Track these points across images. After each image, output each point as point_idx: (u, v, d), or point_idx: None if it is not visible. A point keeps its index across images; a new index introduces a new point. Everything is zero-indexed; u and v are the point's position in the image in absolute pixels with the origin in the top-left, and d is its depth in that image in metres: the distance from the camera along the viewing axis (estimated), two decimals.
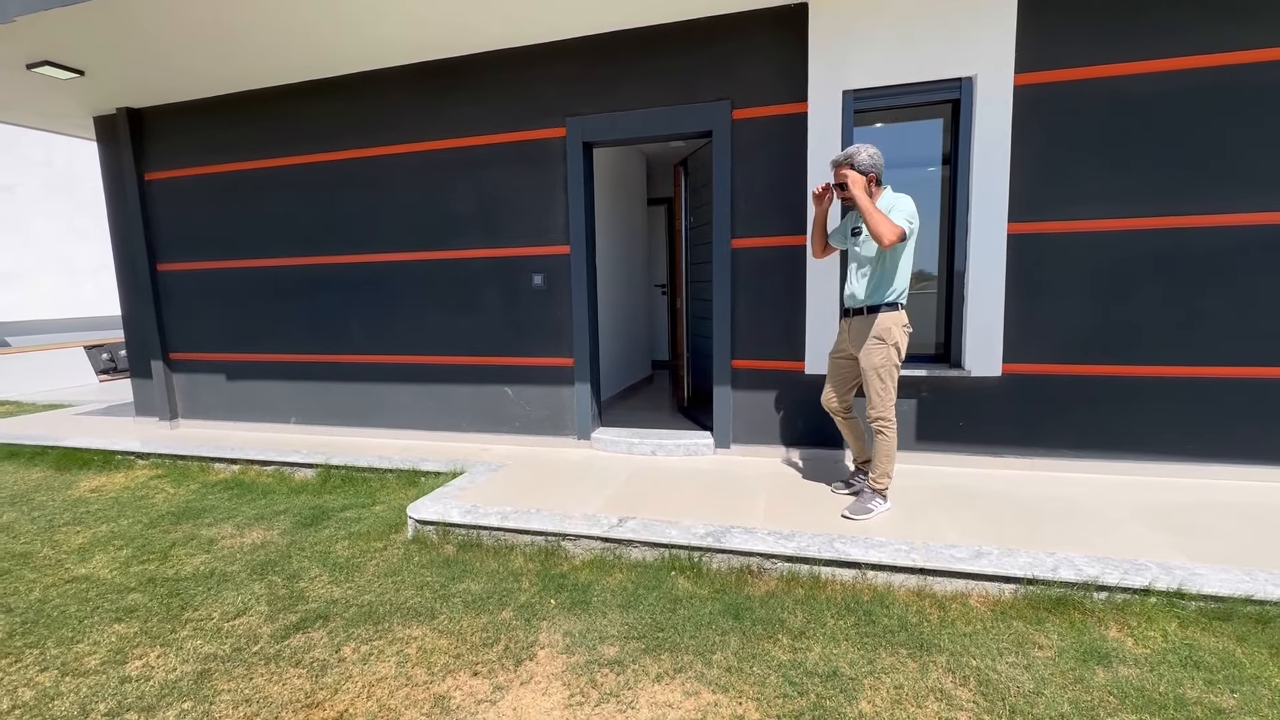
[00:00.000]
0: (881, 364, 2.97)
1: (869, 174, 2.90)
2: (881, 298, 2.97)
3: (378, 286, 4.79)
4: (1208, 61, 3.16)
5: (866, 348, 2.99)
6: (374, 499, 3.88)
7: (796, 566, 2.71)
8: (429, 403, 4.80)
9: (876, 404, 3.01)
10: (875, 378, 2.99)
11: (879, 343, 2.97)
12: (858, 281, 3.04)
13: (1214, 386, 3.35)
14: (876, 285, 2.98)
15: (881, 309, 2.97)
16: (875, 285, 2.99)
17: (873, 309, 2.99)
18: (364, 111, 4.61)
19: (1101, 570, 2.44)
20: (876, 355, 2.97)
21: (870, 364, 2.98)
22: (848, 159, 2.92)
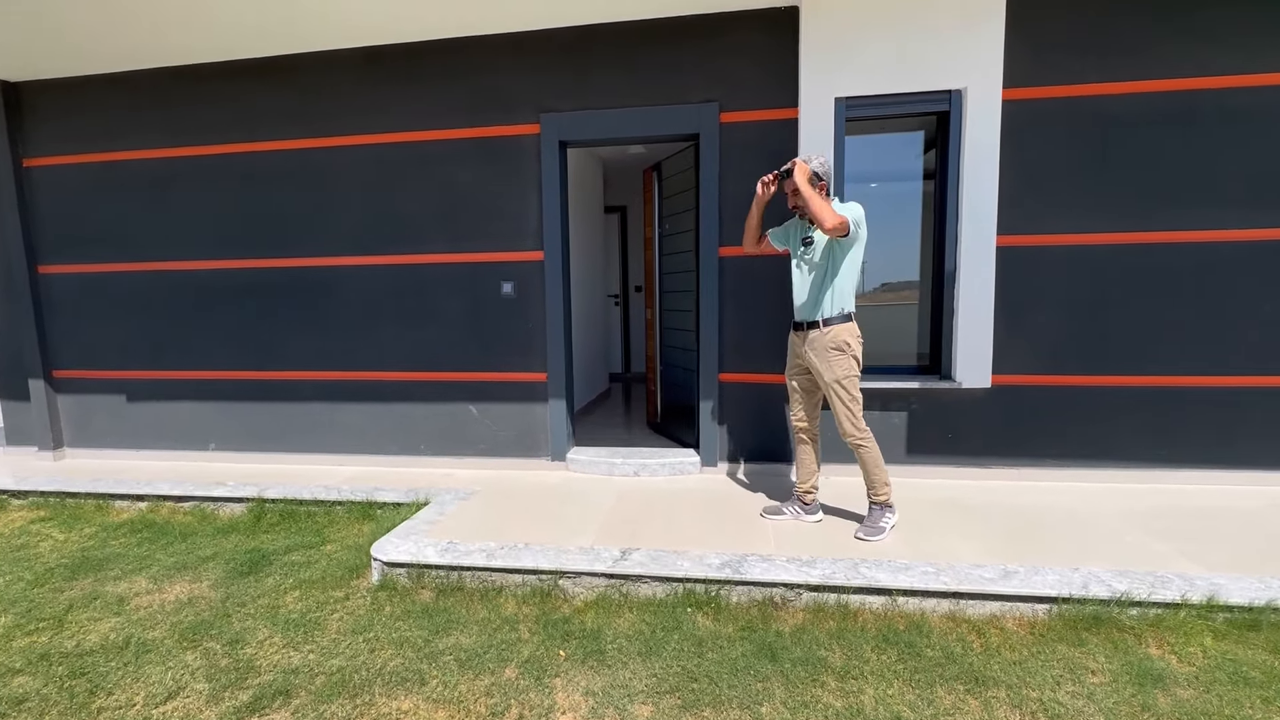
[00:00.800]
0: (845, 375, 2.88)
1: (820, 182, 2.88)
2: (836, 309, 2.89)
3: (321, 294, 4.25)
4: (1175, 85, 3.32)
5: (828, 361, 2.89)
6: (323, 537, 3.37)
7: (823, 596, 2.52)
8: (381, 424, 4.30)
9: (846, 422, 2.91)
10: (840, 390, 2.88)
11: (839, 353, 2.88)
12: (810, 293, 2.94)
13: (1183, 395, 3.49)
14: (830, 296, 2.90)
15: (837, 321, 2.89)
16: (829, 296, 2.90)
17: (828, 321, 2.89)
18: (306, 98, 4.10)
19: (1130, 585, 2.40)
20: (839, 367, 2.88)
21: (834, 376, 2.88)
22: (793, 167, 2.87)
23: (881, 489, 2.96)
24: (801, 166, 2.85)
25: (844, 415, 2.91)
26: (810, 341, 2.94)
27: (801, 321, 2.99)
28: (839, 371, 2.88)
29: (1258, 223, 3.34)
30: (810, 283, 2.96)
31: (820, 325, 2.90)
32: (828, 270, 2.90)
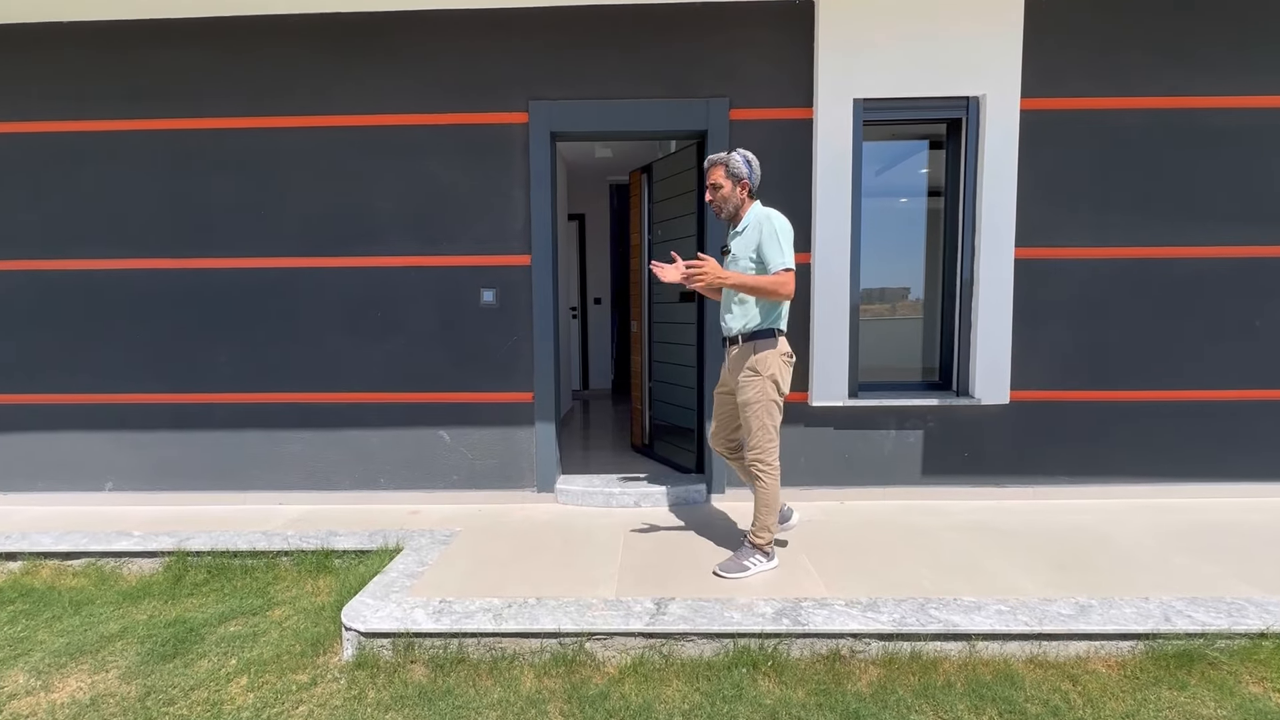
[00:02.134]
0: (755, 399, 2.58)
1: (742, 180, 2.60)
2: (758, 325, 2.59)
3: (260, 302, 3.58)
4: (1184, 103, 3.36)
5: (743, 382, 2.60)
6: (268, 599, 2.74)
7: (895, 645, 2.22)
8: (332, 454, 3.65)
9: (755, 446, 2.63)
10: (758, 413, 2.60)
11: (752, 376, 2.58)
12: (731, 307, 2.66)
13: (1194, 409, 3.51)
14: (751, 311, 2.60)
15: (758, 338, 2.59)
16: (750, 311, 2.61)
17: (749, 338, 2.60)
18: (247, 69, 3.46)
19: (1209, 616, 2.26)
20: (750, 389, 2.59)
21: (744, 399, 2.61)
22: (721, 161, 2.60)
23: (763, 532, 2.66)
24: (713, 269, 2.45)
25: (755, 435, 2.61)
26: (731, 358, 2.68)
27: (724, 338, 2.71)
28: (749, 394, 2.59)
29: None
30: (726, 296, 2.68)
31: (740, 342, 2.63)
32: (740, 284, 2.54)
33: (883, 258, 3.66)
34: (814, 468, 3.58)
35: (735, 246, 2.62)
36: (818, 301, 3.44)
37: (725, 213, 2.64)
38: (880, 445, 3.55)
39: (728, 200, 2.61)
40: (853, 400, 3.49)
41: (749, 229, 2.58)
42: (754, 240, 2.56)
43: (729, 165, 2.59)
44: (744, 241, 2.59)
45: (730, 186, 2.59)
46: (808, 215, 3.45)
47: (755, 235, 2.56)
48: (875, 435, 3.55)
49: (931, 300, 3.72)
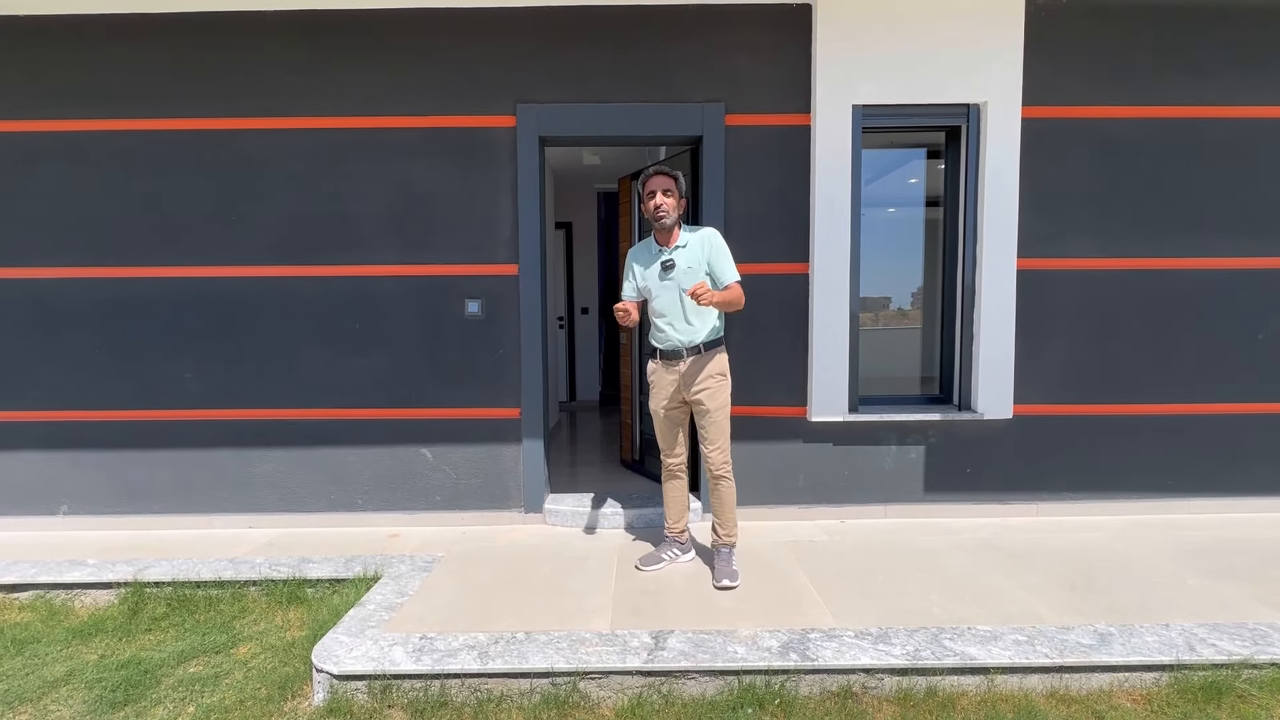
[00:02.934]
0: (724, 403, 2.75)
1: (683, 198, 2.74)
2: (718, 334, 2.77)
3: (230, 312, 3.38)
4: (1183, 113, 3.31)
5: (711, 389, 2.71)
6: (233, 635, 2.53)
7: (910, 680, 2.09)
8: (306, 474, 3.45)
9: (719, 451, 2.74)
10: (721, 418, 2.73)
11: (723, 379, 2.74)
12: (691, 320, 2.70)
13: (1192, 423, 3.45)
14: (712, 322, 2.75)
15: (715, 346, 2.75)
16: (711, 322, 2.74)
17: (709, 347, 2.72)
18: (220, 67, 3.28)
19: (1233, 643, 2.16)
20: (723, 393, 2.74)
21: (718, 404, 2.73)
22: (675, 175, 2.68)
23: (735, 530, 2.82)
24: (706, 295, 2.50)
25: (721, 441, 2.74)
26: (689, 369, 2.72)
27: (677, 350, 2.73)
28: (722, 399, 2.74)
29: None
30: (681, 309, 2.70)
31: (702, 352, 2.71)
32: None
33: (882, 267, 3.57)
34: (813, 485, 3.45)
35: (681, 259, 2.69)
36: (816, 312, 3.33)
37: (668, 222, 2.69)
38: (881, 461, 3.44)
39: (672, 212, 2.68)
40: (853, 415, 3.37)
41: (692, 244, 2.71)
42: (702, 254, 2.69)
43: (680, 180, 2.71)
44: (691, 255, 2.70)
45: (678, 199, 2.70)
46: (806, 223, 3.35)
47: (702, 250, 2.70)
48: (876, 451, 3.44)
49: (931, 311, 3.63)
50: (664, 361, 2.79)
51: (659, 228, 2.72)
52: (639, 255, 2.84)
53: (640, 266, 2.82)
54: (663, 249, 2.74)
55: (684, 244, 2.71)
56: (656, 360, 2.83)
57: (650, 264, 2.78)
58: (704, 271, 2.68)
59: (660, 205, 2.65)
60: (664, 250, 2.73)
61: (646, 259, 2.80)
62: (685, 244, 2.71)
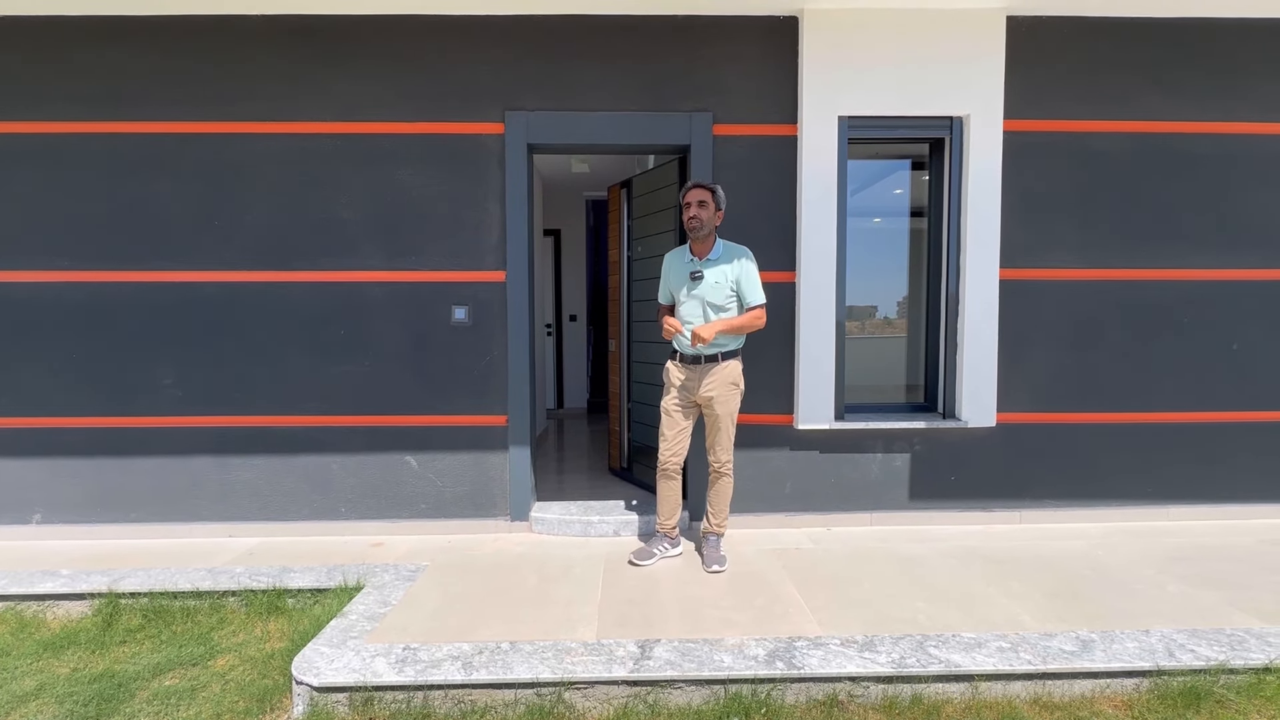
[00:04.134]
0: (735, 409, 2.94)
1: (721, 211, 2.88)
2: (739, 344, 2.92)
3: (212, 317, 3.33)
4: (1154, 128, 3.39)
5: (724, 396, 2.89)
6: (210, 647, 2.48)
7: (895, 688, 2.09)
8: (288, 482, 3.40)
9: (724, 453, 2.95)
10: (729, 423, 2.93)
11: (735, 388, 2.92)
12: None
13: (1169, 431, 3.51)
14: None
15: (734, 355, 2.91)
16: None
17: (728, 355, 2.89)
18: (201, 70, 3.25)
19: (1211, 649, 2.19)
20: (734, 401, 2.92)
21: (728, 410, 2.91)
22: (712, 187, 2.85)
23: (725, 519, 3.03)
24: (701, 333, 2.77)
25: (727, 441, 2.94)
26: (706, 374, 2.88)
27: (695, 356, 2.89)
28: (733, 406, 2.92)
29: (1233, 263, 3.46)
30: (704, 320, 2.86)
31: (719, 359, 2.87)
32: (720, 306, 2.86)
33: (868, 276, 3.60)
34: (800, 493, 3.46)
35: (710, 273, 2.84)
36: (803, 321, 3.35)
37: (701, 233, 2.83)
38: (867, 469, 3.46)
39: (706, 223, 2.81)
40: (839, 423, 3.39)
41: (723, 258, 2.86)
42: (732, 272, 2.84)
43: (718, 193, 2.84)
44: (720, 270, 2.84)
45: (713, 211, 2.82)
46: (792, 233, 3.38)
47: (733, 268, 2.84)
48: (862, 459, 3.46)
49: (916, 320, 3.67)
50: (683, 364, 2.94)
51: (694, 238, 2.87)
52: (673, 262, 2.99)
53: (672, 273, 2.99)
54: (694, 259, 2.90)
55: (716, 256, 2.87)
56: (675, 361, 2.97)
57: (682, 272, 2.93)
58: (731, 288, 2.85)
59: (695, 216, 2.79)
60: (695, 260, 2.89)
61: (679, 266, 2.95)
62: (718, 257, 2.87)
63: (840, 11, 3.23)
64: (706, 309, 2.85)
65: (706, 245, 2.88)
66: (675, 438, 2.97)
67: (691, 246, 2.92)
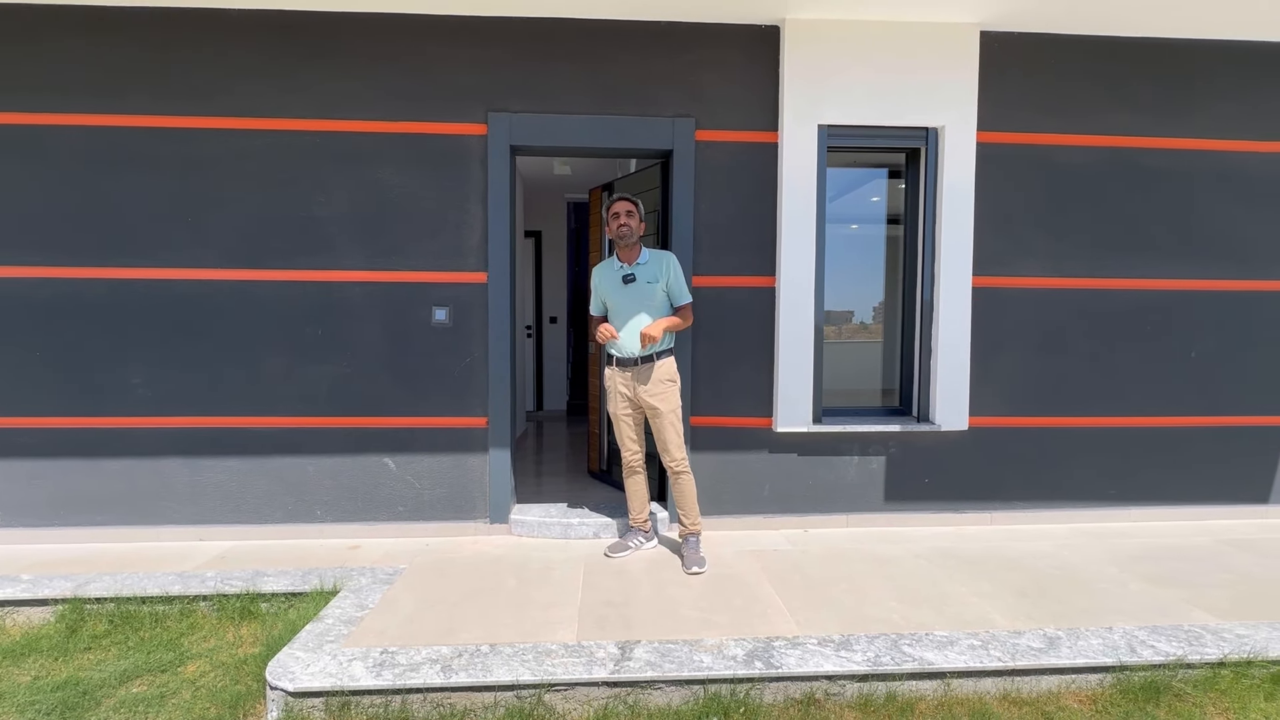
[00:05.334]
0: (676, 405, 3.02)
1: (643, 219, 3.05)
2: (666, 344, 3.02)
3: (184, 315, 3.26)
4: (1119, 142, 3.52)
5: (664, 393, 2.99)
6: (180, 652, 2.42)
7: (870, 686, 2.13)
8: (262, 483, 3.34)
9: (676, 450, 3.02)
10: (674, 419, 3.00)
11: (673, 384, 3.02)
12: (637, 329, 2.97)
13: (1129, 435, 3.63)
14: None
15: (667, 354, 3.03)
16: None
17: (661, 355, 3.01)
18: (177, 64, 3.19)
19: (1170, 645, 2.27)
20: (675, 397, 3.02)
21: (670, 407, 3.00)
22: (635, 199, 3.02)
23: (697, 517, 3.08)
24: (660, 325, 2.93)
25: (676, 439, 3.01)
26: (641, 376, 3.00)
27: (634, 358, 2.99)
28: (674, 402, 3.01)
29: (1187, 274, 3.60)
30: (638, 320, 2.97)
31: (655, 359, 2.99)
32: (653, 307, 2.98)
33: (845, 282, 3.67)
34: (778, 495, 3.50)
35: (642, 276, 3.00)
36: (782, 325, 3.40)
37: (630, 241, 3.00)
38: (844, 472, 3.52)
39: (635, 231, 2.99)
40: (817, 426, 3.45)
41: (652, 261, 3.02)
42: (662, 274, 2.99)
43: (640, 205, 3.03)
44: (651, 272, 3.00)
45: (638, 221, 3.01)
46: (773, 238, 3.43)
47: (662, 268, 3.00)
48: (839, 461, 3.52)
49: (892, 326, 3.74)
50: (619, 368, 3.06)
51: (622, 245, 3.02)
52: (603, 272, 3.11)
53: (603, 282, 3.08)
54: (624, 265, 3.04)
55: (644, 261, 3.03)
56: (613, 366, 3.10)
57: (614, 278, 3.05)
58: (662, 288, 3.00)
59: (625, 224, 2.97)
60: (625, 266, 3.03)
61: (610, 275, 3.08)
62: (646, 261, 3.03)
63: (821, 23, 3.29)
64: (642, 309, 2.98)
65: (634, 252, 3.02)
66: (631, 440, 3.12)
67: (619, 255, 3.06)
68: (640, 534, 3.20)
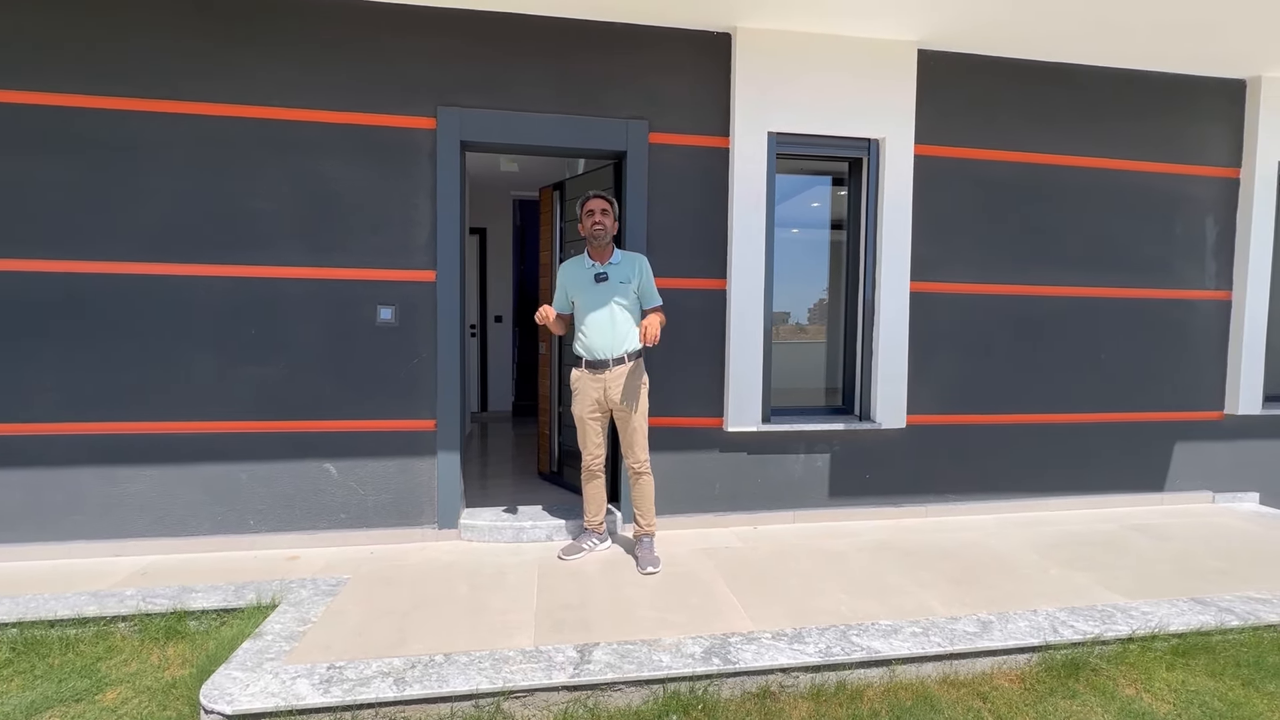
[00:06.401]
0: (645, 408, 3.05)
1: (616, 219, 3.06)
2: (637, 346, 3.01)
3: (101, 313, 3.00)
4: (1038, 159, 3.79)
5: (633, 396, 3.00)
6: (97, 679, 2.23)
7: (823, 676, 2.22)
8: (187, 493, 3.12)
9: (642, 451, 3.04)
10: (642, 422, 3.03)
11: (644, 387, 3.05)
12: (616, 330, 2.97)
13: (1045, 430, 3.92)
14: (636, 333, 3.01)
15: (638, 356, 3.03)
16: (635, 333, 3.01)
17: (634, 356, 3.01)
18: (91, 38, 2.93)
19: (1088, 624, 2.47)
20: (644, 400, 3.04)
21: (642, 410, 3.02)
22: (610, 199, 3.01)
23: (653, 519, 3.11)
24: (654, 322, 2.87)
25: (641, 445, 3.03)
26: (615, 377, 2.98)
27: (604, 360, 2.97)
28: (645, 405, 3.04)
29: (1094, 282, 3.92)
30: (611, 320, 2.97)
31: (626, 360, 2.98)
32: (625, 307, 2.99)
33: (782, 285, 3.76)
34: (729, 493, 3.58)
35: (614, 274, 2.99)
36: (733, 327, 3.47)
37: (604, 240, 2.98)
38: (791, 470, 3.63)
39: (609, 230, 2.98)
40: (766, 426, 3.54)
41: (624, 261, 3.02)
42: (634, 273, 2.99)
43: (615, 204, 3.03)
44: (623, 272, 2.99)
45: (612, 220, 2.99)
46: (724, 242, 3.49)
47: (635, 269, 3.00)
48: (786, 460, 3.63)
49: (835, 328, 3.89)
50: (589, 369, 3.01)
51: (596, 244, 2.99)
52: (573, 269, 3.05)
53: (572, 279, 3.03)
54: (595, 264, 3.00)
55: (617, 261, 3.01)
56: (581, 369, 3.03)
57: (584, 276, 3.00)
58: (634, 289, 3.00)
59: (599, 223, 2.94)
60: (597, 265, 3.00)
61: (580, 272, 3.02)
62: (619, 261, 3.01)
63: (771, 33, 3.38)
64: (615, 309, 2.96)
65: (607, 251, 3.01)
66: (595, 442, 3.09)
67: (590, 253, 3.03)
68: (594, 536, 3.20)
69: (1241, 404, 4.03)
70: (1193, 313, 4.04)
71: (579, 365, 3.06)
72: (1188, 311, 4.03)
